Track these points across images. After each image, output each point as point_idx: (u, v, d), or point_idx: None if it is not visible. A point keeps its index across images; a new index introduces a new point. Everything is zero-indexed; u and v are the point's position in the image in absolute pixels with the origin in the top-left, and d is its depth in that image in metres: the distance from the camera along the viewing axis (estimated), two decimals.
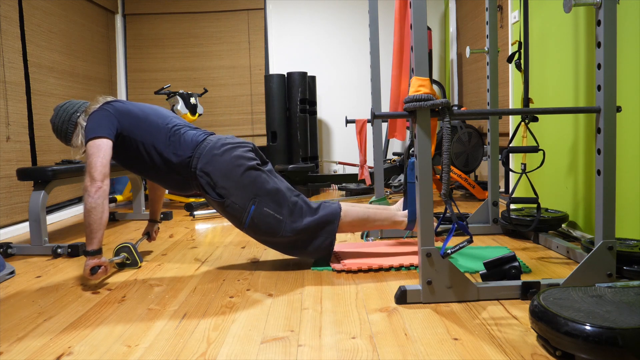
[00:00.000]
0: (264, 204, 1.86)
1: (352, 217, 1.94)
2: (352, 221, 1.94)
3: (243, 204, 1.86)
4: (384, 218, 1.98)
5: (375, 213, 1.98)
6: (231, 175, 1.86)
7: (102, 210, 1.78)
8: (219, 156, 1.88)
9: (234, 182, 1.86)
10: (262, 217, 1.86)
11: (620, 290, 1.28)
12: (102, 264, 1.82)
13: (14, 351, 1.29)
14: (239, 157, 1.90)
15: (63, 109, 2.00)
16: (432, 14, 4.96)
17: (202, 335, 1.34)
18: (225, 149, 1.91)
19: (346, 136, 5.00)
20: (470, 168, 3.75)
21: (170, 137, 1.93)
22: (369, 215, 1.97)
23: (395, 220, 1.99)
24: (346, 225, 1.94)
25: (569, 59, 2.32)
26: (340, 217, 1.91)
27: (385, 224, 1.99)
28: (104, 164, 1.80)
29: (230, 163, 1.88)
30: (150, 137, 1.92)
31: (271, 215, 1.86)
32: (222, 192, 1.86)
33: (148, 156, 1.93)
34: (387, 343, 1.25)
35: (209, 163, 1.88)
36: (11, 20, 3.06)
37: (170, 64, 4.71)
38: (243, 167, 1.88)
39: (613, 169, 1.48)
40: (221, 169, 1.87)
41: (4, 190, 2.93)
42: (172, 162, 1.91)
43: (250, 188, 1.86)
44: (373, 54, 2.41)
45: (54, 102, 3.48)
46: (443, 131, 1.46)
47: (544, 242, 2.20)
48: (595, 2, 1.45)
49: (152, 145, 1.92)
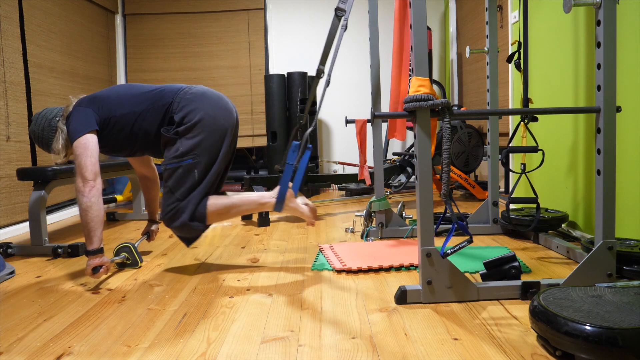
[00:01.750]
0: (198, 167, 1.85)
1: (217, 207, 1.89)
2: (217, 210, 1.89)
3: (186, 151, 1.84)
4: (250, 202, 1.92)
5: (241, 199, 1.93)
6: (205, 126, 1.85)
7: (99, 209, 1.78)
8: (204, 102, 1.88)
9: (200, 131, 1.85)
10: (186, 174, 1.84)
11: (620, 290, 1.28)
12: (104, 263, 1.82)
13: (14, 351, 1.29)
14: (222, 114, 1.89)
15: (41, 116, 1.99)
16: (432, 14, 4.96)
17: (202, 335, 1.34)
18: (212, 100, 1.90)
19: (346, 136, 5.00)
20: (470, 168, 3.75)
21: (148, 94, 1.93)
22: (234, 202, 1.91)
23: (261, 202, 1.92)
24: (213, 215, 1.89)
25: (569, 59, 2.32)
26: (207, 206, 1.87)
27: (253, 207, 1.93)
28: (93, 162, 1.80)
29: (211, 115, 1.87)
30: (125, 107, 1.92)
31: (194, 180, 1.84)
32: (182, 131, 1.85)
33: (132, 123, 1.91)
34: (387, 343, 1.25)
35: (190, 104, 1.87)
36: (11, 20, 3.07)
37: (170, 64, 4.71)
38: (218, 129, 1.87)
39: (613, 169, 1.48)
40: (201, 114, 1.86)
41: (4, 190, 2.93)
42: (154, 116, 1.90)
43: (206, 149, 1.85)
44: (373, 54, 2.41)
45: (54, 102, 3.48)
46: (443, 131, 1.47)
47: (544, 242, 2.20)
48: (595, 2, 1.45)
49: (130, 112, 1.91)
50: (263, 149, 4.80)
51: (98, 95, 1.97)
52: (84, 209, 1.77)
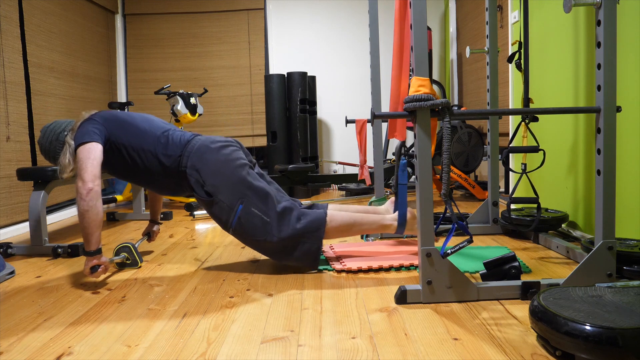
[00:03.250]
0: (251, 204, 1.84)
1: (338, 223, 1.90)
2: (338, 226, 1.90)
3: (231, 202, 1.84)
4: (371, 222, 1.94)
5: (363, 217, 1.94)
6: (220, 172, 1.85)
7: (96, 212, 1.77)
8: (208, 154, 1.87)
9: (223, 180, 1.85)
10: (249, 217, 1.83)
11: (620, 290, 1.28)
12: (102, 263, 1.82)
13: (14, 351, 1.29)
14: (228, 155, 1.89)
15: (50, 129, 1.99)
16: (432, 14, 4.96)
17: (202, 335, 1.34)
18: (215, 147, 1.90)
19: (346, 136, 5.00)
20: (470, 168, 3.75)
21: (159, 139, 1.93)
22: (356, 220, 1.93)
23: (383, 224, 1.95)
24: (333, 231, 1.90)
25: (569, 59, 2.32)
26: (327, 223, 1.88)
27: (373, 227, 1.95)
28: (95, 165, 1.80)
29: (219, 161, 1.87)
30: (139, 141, 1.91)
31: (258, 216, 1.84)
32: (211, 189, 1.85)
33: (140, 160, 1.91)
34: (387, 343, 1.25)
35: (199, 161, 1.87)
36: (11, 20, 3.07)
37: (170, 64, 4.71)
38: (232, 165, 1.87)
39: (613, 169, 1.48)
40: (210, 167, 1.86)
41: (4, 190, 2.93)
42: (163, 163, 1.90)
43: (239, 187, 1.85)
44: (373, 54, 2.41)
45: (54, 102, 3.48)
46: (443, 131, 1.46)
47: (544, 242, 2.20)
48: (595, 2, 1.45)
49: (142, 148, 1.91)
50: (263, 149, 4.80)
51: (114, 115, 1.96)
52: (82, 212, 1.77)
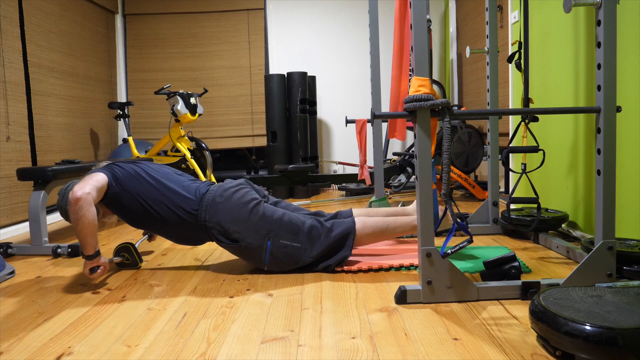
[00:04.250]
0: (279, 237, 1.86)
1: (370, 229, 1.92)
2: (371, 233, 1.93)
3: (259, 242, 1.85)
4: (405, 224, 1.97)
5: (395, 220, 1.96)
6: (239, 218, 1.86)
7: (87, 221, 1.74)
8: (223, 203, 1.88)
9: (244, 223, 1.86)
10: (280, 249, 1.86)
11: (620, 290, 1.28)
12: (101, 265, 1.82)
13: (14, 351, 1.29)
14: (241, 198, 1.90)
15: (63, 189, 2.06)
16: (432, 14, 4.96)
17: (202, 335, 1.34)
18: (228, 194, 1.90)
19: (346, 136, 5.00)
20: (470, 168, 3.75)
21: (175, 192, 1.91)
22: (389, 223, 1.95)
23: (416, 225, 1.94)
24: (366, 237, 1.93)
25: (569, 59, 2.32)
26: (357, 231, 1.90)
27: (407, 229, 1.97)
28: (91, 183, 1.78)
29: (235, 206, 1.88)
30: (155, 193, 1.90)
31: (289, 245, 1.86)
32: (236, 236, 1.86)
33: (155, 212, 1.89)
34: (387, 343, 1.25)
35: (216, 212, 1.87)
36: (11, 20, 3.06)
37: (170, 64, 4.71)
38: (249, 207, 1.88)
39: (613, 169, 1.48)
40: (228, 215, 1.86)
41: (4, 190, 2.93)
42: (181, 217, 1.89)
43: (261, 225, 1.86)
44: (373, 54, 2.41)
45: (54, 102, 3.48)
46: (443, 131, 1.46)
47: (544, 242, 2.20)
48: (595, 2, 1.45)
49: (158, 200, 1.89)
50: (263, 149, 4.80)
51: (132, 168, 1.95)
52: (73, 222, 1.75)
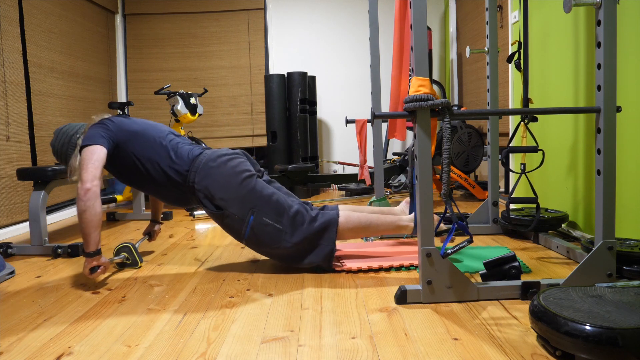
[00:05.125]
0: (263, 214, 1.85)
1: (353, 224, 1.91)
2: (353, 227, 1.91)
3: (242, 214, 1.85)
4: (388, 223, 1.96)
5: (379, 218, 1.95)
6: (229, 186, 1.85)
7: (94, 213, 1.77)
8: (215, 168, 1.88)
9: (231, 192, 1.85)
10: (261, 227, 1.84)
11: (620, 290, 1.28)
12: (102, 264, 1.82)
13: (14, 351, 1.29)
14: (235, 167, 1.89)
15: (63, 131, 2.00)
16: (432, 14, 4.96)
17: (202, 335, 1.34)
18: (221, 160, 1.90)
19: (346, 136, 5.00)
20: (470, 168, 3.75)
21: (168, 152, 1.93)
22: (372, 221, 1.94)
23: (399, 225, 1.97)
24: (347, 232, 1.91)
25: (569, 59, 2.32)
26: (339, 224, 1.88)
27: (390, 228, 1.96)
28: (96, 166, 1.80)
29: (226, 174, 1.87)
30: (148, 151, 1.92)
31: (271, 225, 1.85)
32: (221, 203, 1.85)
33: (145, 170, 1.91)
34: (387, 343, 1.25)
35: (207, 176, 1.87)
36: (11, 20, 3.06)
37: (170, 64, 4.71)
38: (240, 177, 1.87)
39: (613, 169, 1.48)
40: (218, 181, 1.86)
41: (4, 190, 2.93)
42: (170, 176, 1.90)
43: (248, 198, 1.85)
44: (373, 54, 2.41)
45: (54, 102, 3.48)
46: (443, 131, 1.46)
47: (544, 242, 2.20)
48: (595, 2, 1.45)
49: (150, 159, 1.91)
50: (263, 149, 4.80)
51: (123, 122, 1.96)
52: (80, 213, 1.77)
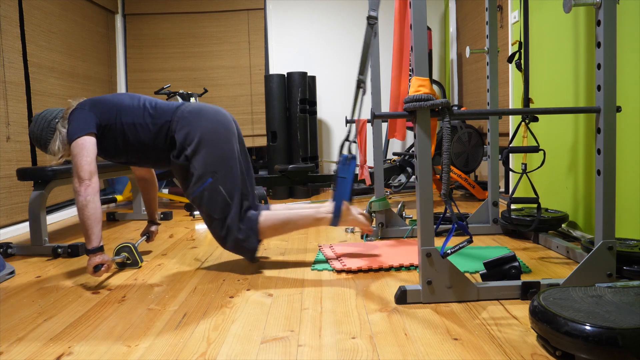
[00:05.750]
0: (221, 182, 1.85)
1: (271, 222, 1.91)
2: (272, 225, 1.92)
3: (202, 173, 1.85)
4: (306, 217, 1.95)
5: (297, 214, 1.95)
6: (207, 138, 1.86)
7: (95, 207, 1.79)
8: (201, 116, 1.88)
9: (206, 147, 1.85)
10: (213, 193, 1.85)
11: (620, 290, 1.28)
12: (105, 262, 1.82)
13: (14, 351, 1.29)
14: (220, 122, 1.90)
15: (42, 116, 2.00)
16: (432, 14, 4.96)
17: (202, 335, 1.34)
18: (210, 110, 1.91)
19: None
20: (470, 168, 3.75)
21: (147, 110, 1.94)
22: (290, 217, 1.94)
23: (317, 218, 1.95)
24: (268, 230, 1.92)
25: (569, 59, 2.32)
26: (259, 223, 1.89)
27: (309, 222, 1.95)
28: (89, 162, 1.81)
29: (211, 129, 1.88)
30: (129, 117, 1.93)
31: (223, 195, 1.85)
32: (190, 154, 1.85)
33: (131, 135, 1.92)
34: (387, 343, 1.25)
35: (188, 123, 1.88)
36: (11, 20, 3.06)
37: (170, 64, 4.71)
38: (222, 136, 1.87)
39: (613, 169, 1.48)
40: (199, 129, 1.86)
41: (4, 190, 2.93)
42: (153, 132, 1.91)
43: (216, 161, 1.85)
44: (373, 54, 2.41)
45: (54, 102, 3.48)
46: (443, 131, 1.46)
47: (544, 242, 2.20)
48: (595, 2, 1.45)
49: (132, 122, 1.92)
50: (263, 149, 4.80)
51: (100, 100, 1.98)
52: (81, 208, 1.78)
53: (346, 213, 1.98)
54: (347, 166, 1.80)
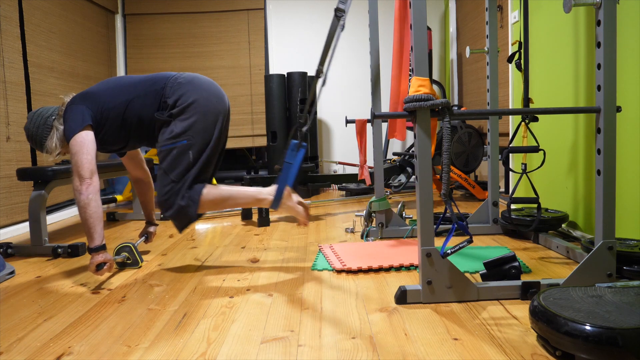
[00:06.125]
0: (193, 148, 1.84)
1: (213, 195, 1.88)
2: (213, 199, 1.88)
3: (180, 133, 1.83)
4: (247, 195, 1.92)
5: (239, 191, 1.92)
6: (198, 107, 1.85)
7: (97, 205, 1.78)
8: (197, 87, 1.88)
9: (194, 113, 1.85)
10: (182, 155, 1.83)
11: (620, 290, 1.28)
12: (107, 261, 1.82)
13: (14, 351, 1.29)
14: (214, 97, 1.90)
15: (37, 114, 1.99)
16: (432, 14, 4.96)
17: (202, 335, 1.34)
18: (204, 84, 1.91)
19: (346, 136, 5.00)
20: (470, 168, 3.75)
21: (141, 83, 1.94)
22: (232, 193, 1.91)
23: (258, 198, 1.92)
24: (208, 203, 1.87)
25: (569, 59, 2.32)
26: (202, 194, 1.85)
27: (249, 201, 1.93)
28: (90, 160, 1.80)
29: (205, 98, 1.87)
30: (122, 96, 1.92)
31: (189, 161, 1.83)
32: (176, 113, 1.85)
33: (127, 113, 1.91)
34: (387, 343, 1.25)
35: (183, 88, 1.87)
36: (11, 20, 3.06)
37: (170, 64, 4.71)
38: (211, 111, 1.87)
39: (613, 169, 1.48)
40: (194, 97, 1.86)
41: (4, 190, 2.93)
42: (147, 103, 1.90)
43: (200, 131, 1.85)
44: (373, 54, 2.41)
45: (54, 102, 3.48)
46: (443, 131, 1.46)
47: (544, 242, 2.20)
48: (595, 2, 1.45)
49: (127, 100, 1.91)
50: (263, 149, 4.80)
51: (89, 91, 1.97)
52: (82, 206, 1.77)
53: (286, 198, 1.93)
54: (294, 152, 1.81)
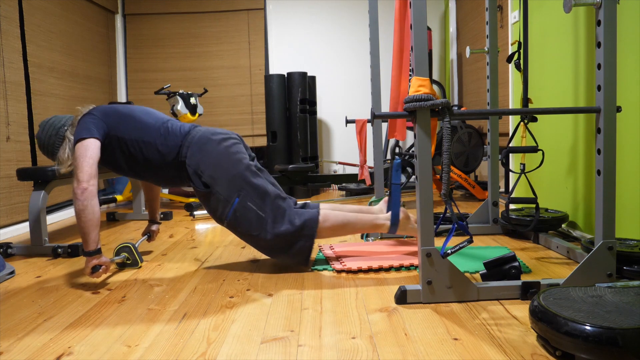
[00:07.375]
0: (248, 198, 1.85)
1: (331, 223, 1.90)
2: (331, 226, 1.90)
3: (228, 195, 1.85)
4: (365, 222, 1.95)
5: (356, 217, 1.95)
6: (219, 165, 1.86)
7: (92, 211, 1.77)
8: (209, 145, 1.89)
9: (221, 172, 1.86)
10: (245, 211, 1.84)
11: (620, 290, 1.28)
12: (103, 263, 1.82)
13: (14, 351, 1.29)
14: (229, 147, 1.90)
15: (50, 124, 1.98)
16: (432, 14, 4.96)
17: (202, 335, 1.34)
18: (216, 138, 1.91)
19: (346, 136, 5.00)
20: (470, 168, 3.75)
21: (158, 130, 1.94)
22: (349, 220, 1.93)
23: (376, 224, 1.95)
24: (326, 230, 1.90)
25: (569, 59, 2.32)
26: (319, 222, 1.87)
27: (367, 227, 1.95)
28: (91, 164, 1.80)
29: (219, 153, 1.88)
30: (139, 133, 1.92)
31: (254, 211, 1.84)
32: (208, 181, 1.86)
33: (139, 152, 1.92)
34: (387, 343, 1.25)
35: (199, 151, 1.88)
36: (11, 20, 3.06)
37: (170, 64, 4.71)
38: (232, 159, 1.87)
39: (613, 169, 1.48)
40: (210, 158, 1.87)
41: (4, 190, 2.93)
42: (162, 153, 1.91)
43: (237, 180, 1.86)
44: (373, 54, 2.41)
45: (54, 102, 3.48)
46: (443, 131, 1.46)
47: (544, 242, 2.20)
48: (595, 2, 1.45)
49: (142, 139, 1.91)
50: (263, 149, 4.80)
51: (112, 110, 1.97)
52: (77, 213, 1.76)
53: (404, 221, 1.96)
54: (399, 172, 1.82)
